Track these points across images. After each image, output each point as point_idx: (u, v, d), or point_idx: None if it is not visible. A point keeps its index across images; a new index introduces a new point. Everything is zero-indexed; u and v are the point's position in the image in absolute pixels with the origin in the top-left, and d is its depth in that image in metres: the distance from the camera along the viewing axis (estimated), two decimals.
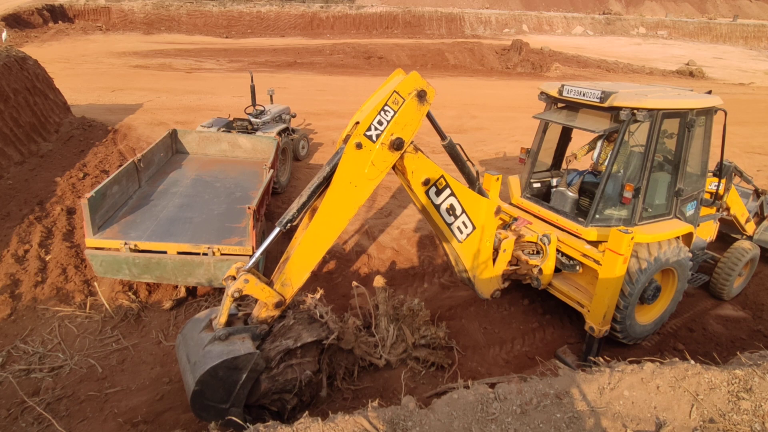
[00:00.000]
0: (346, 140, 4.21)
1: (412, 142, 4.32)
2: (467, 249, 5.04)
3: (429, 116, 4.46)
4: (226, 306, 4.02)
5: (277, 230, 4.12)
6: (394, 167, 4.42)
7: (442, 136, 4.68)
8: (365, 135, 4.04)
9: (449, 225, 4.83)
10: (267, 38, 39.37)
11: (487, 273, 5.36)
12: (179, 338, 4.29)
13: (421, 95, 4.21)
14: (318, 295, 4.73)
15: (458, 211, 4.82)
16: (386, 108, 4.08)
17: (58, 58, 23.03)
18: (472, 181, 5.01)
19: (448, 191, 4.69)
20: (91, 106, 14.51)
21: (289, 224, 4.10)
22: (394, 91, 4.09)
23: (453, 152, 4.81)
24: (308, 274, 4.26)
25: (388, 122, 4.08)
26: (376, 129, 4.06)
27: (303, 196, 4.13)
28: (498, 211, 4.99)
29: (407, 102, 4.14)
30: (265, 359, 4.08)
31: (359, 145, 4.03)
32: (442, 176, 4.61)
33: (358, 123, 4.15)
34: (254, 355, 3.87)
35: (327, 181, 4.14)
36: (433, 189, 4.62)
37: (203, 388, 3.72)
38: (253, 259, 4.14)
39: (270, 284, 4.11)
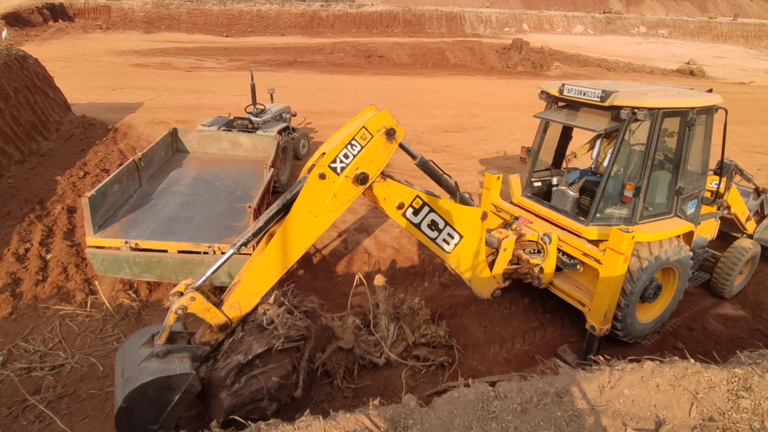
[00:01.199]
0: (311, 170, 4.22)
1: (382, 172, 4.32)
2: (456, 258, 5.02)
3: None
4: (168, 322, 3.92)
5: (230, 252, 4.07)
6: (366, 196, 4.43)
7: (413, 156, 4.68)
8: (329, 167, 4.05)
9: (434, 239, 4.81)
10: (267, 37, 39.36)
11: (483, 274, 5.36)
12: (120, 352, 4.17)
13: (390, 133, 4.22)
14: (272, 297, 4.58)
15: (441, 225, 4.79)
16: (353, 142, 4.09)
17: (58, 56, 23.03)
18: (453, 192, 5.00)
19: (426, 209, 4.66)
20: (92, 104, 14.51)
21: (242, 247, 4.08)
22: (363, 126, 4.12)
23: (427, 169, 4.81)
24: (258, 299, 4.21)
25: (354, 156, 4.10)
26: (341, 162, 4.07)
27: (260, 221, 4.12)
28: (484, 216, 4.97)
29: (375, 138, 4.16)
30: (219, 378, 3.99)
31: (323, 176, 4.03)
32: (417, 196, 4.57)
33: (324, 154, 4.17)
34: (189, 376, 3.73)
35: (287, 208, 4.11)
36: (410, 210, 4.60)
37: (131, 405, 3.55)
38: (203, 278, 4.08)
39: (218, 305, 4.06)
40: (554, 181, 6.76)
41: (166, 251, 5.67)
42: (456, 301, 6.73)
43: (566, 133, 6.74)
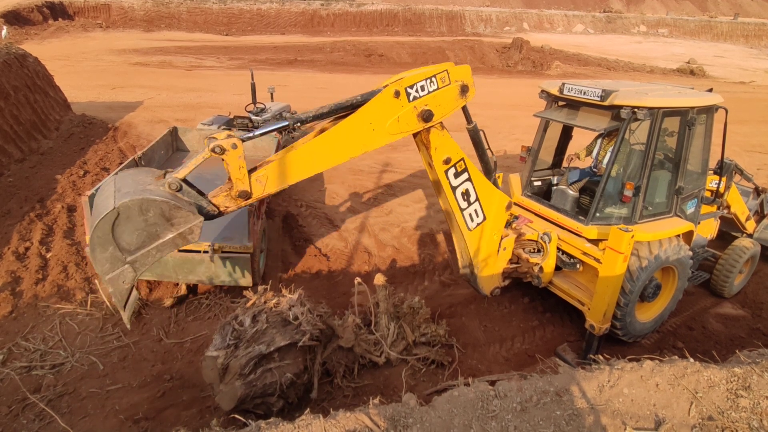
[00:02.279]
0: (385, 87, 4.21)
1: (441, 122, 4.42)
2: (475, 238, 5.11)
3: None
4: (197, 160, 3.54)
5: (284, 123, 3.84)
6: (419, 141, 4.50)
7: (468, 120, 4.84)
8: (406, 89, 4.11)
9: (462, 210, 4.91)
10: (267, 36, 39.34)
11: (489, 269, 5.40)
12: (109, 179, 3.62)
13: (464, 89, 4.39)
14: (296, 295, 4.66)
15: (472, 198, 4.90)
16: (433, 79, 4.20)
17: (58, 55, 23.01)
18: (489, 171, 5.09)
19: (466, 175, 4.79)
20: (92, 103, 14.51)
21: (298, 123, 3.87)
22: (446, 70, 4.25)
23: (476, 138, 4.93)
24: (285, 186, 3.95)
25: (429, 92, 4.19)
26: (416, 91, 4.16)
27: (325, 108, 3.96)
28: (509, 206, 5.09)
29: (451, 86, 4.30)
30: (237, 365, 4.01)
31: (397, 94, 4.08)
32: (463, 159, 4.71)
33: (402, 78, 4.20)
34: (197, 219, 3.37)
35: (353, 109, 4.02)
36: (453, 170, 4.70)
37: (121, 214, 3.07)
38: (251, 135, 3.75)
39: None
40: (554, 180, 6.76)
41: None
42: (456, 300, 6.73)
43: (566, 133, 6.73)
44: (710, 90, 6.08)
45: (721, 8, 75.74)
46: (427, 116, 4.22)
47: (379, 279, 5.40)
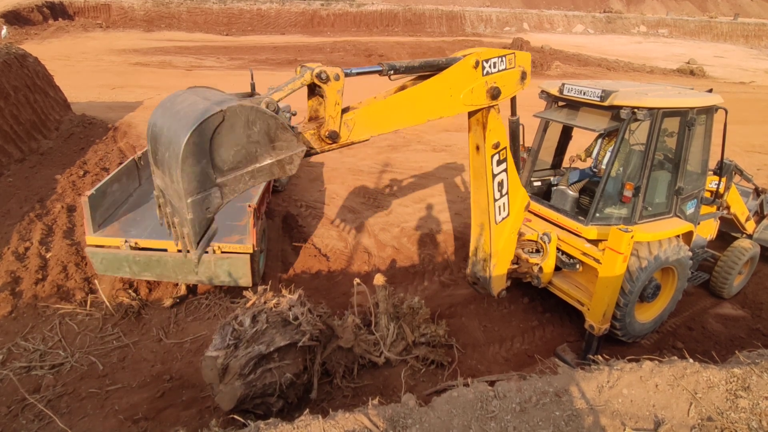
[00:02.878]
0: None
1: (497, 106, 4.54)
2: (499, 233, 5.19)
3: None
4: (293, 84, 3.21)
5: (378, 68, 3.69)
6: (475, 121, 4.62)
7: (513, 112, 4.97)
8: (483, 62, 4.19)
9: (495, 201, 4.98)
10: (267, 36, 39.34)
11: (501, 268, 5.49)
12: (173, 96, 3.09)
13: (524, 75, 4.51)
14: (296, 295, 4.66)
15: (504, 190, 5.00)
16: (503, 58, 4.31)
17: (58, 55, 23.01)
18: (518, 167, 5.19)
19: (504, 165, 4.88)
20: (92, 103, 14.51)
21: (391, 71, 3.76)
22: (514, 53, 4.38)
23: (516, 131, 5.04)
24: (367, 135, 3.76)
25: (499, 71, 4.31)
26: (491, 66, 4.25)
27: (416, 62, 3.94)
28: (527, 206, 5.14)
29: (515, 70, 4.42)
30: (237, 365, 4.00)
31: (477, 64, 4.15)
32: (506, 148, 4.81)
33: (479, 52, 4.26)
34: (300, 149, 3.04)
35: (437, 70, 4.01)
36: (497, 156, 4.79)
37: (226, 120, 2.63)
38: (353, 70, 3.54)
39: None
40: (554, 180, 6.76)
41: (165, 250, 5.67)
42: (456, 301, 6.73)
43: (566, 133, 6.73)
44: (710, 90, 6.08)
45: (721, 8, 75.74)
46: (495, 93, 4.32)
47: (379, 279, 5.40)
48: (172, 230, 3.17)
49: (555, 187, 6.48)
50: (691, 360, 3.72)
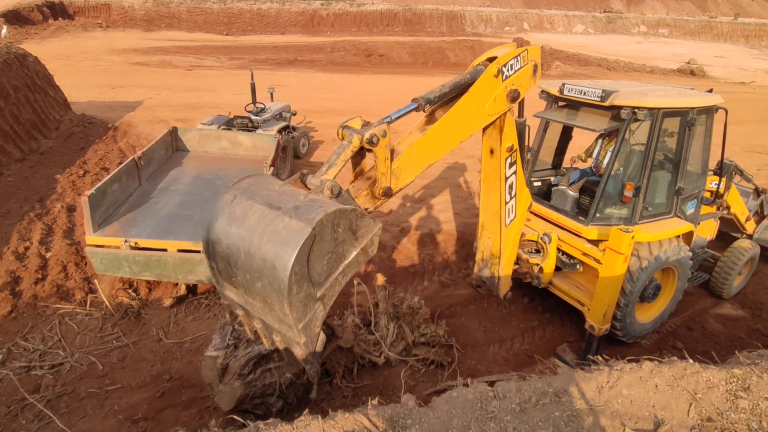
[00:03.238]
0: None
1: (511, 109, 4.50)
2: (508, 235, 5.21)
3: None
4: (343, 156, 3.11)
5: (414, 105, 3.67)
6: (494, 124, 4.56)
7: (521, 114, 4.93)
8: (502, 68, 4.16)
9: (506, 204, 5.00)
10: (267, 35, 39.32)
11: (507, 268, 5.51)
12: (231, 194, 3.04)
13: (536, 69, 4.47)
14: None
15: (513, 193, 5.01)
16: (518, 57, 4.28)
17: (58, 55, 23.00)
18: (524, 168, 5.17)
19: (515, 167, 4.89)
20: (92, 103, 14.51)
21: (428, 105, 3.77)
22: (526, 49, 4.32)
23: (522, 132, 5.01)
24: (413, 177, 3.82)
25: (515, 72, 4.28)
26: (508, 69, 4.22)
27: (446, 87, 3.95)
28: (530, 207, 5.15)
29: (528, 66, 4.39)
30: (237, 366, 3.98)
31: (499, 72, 4.13)
32: (517, 151, 4.81)
33: (490, 59, 4.23)
34: (377, 228, 3.00)
35: (464, 89, 4.01)
36: (510, 159, 4.79)
37: (317, 238, 2.56)
38: (390, 117, 3.46)
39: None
40: (554, 180, 6.76)
41: (165, 250, 5.66)
42: (455, 301, 6.73)
43: (566, 133, 6.73)
44: (710, 90, 6.08)
45: (721, 8, 75.69)
46: (515, 96, 4.30)
47: (379, 279, 5.40)
48: (265, 340, 3.21)
49: (555, 188, 6.47)
50: (691, 360, 3.72)
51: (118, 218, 6.19)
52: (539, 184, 6.70)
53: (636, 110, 5.06)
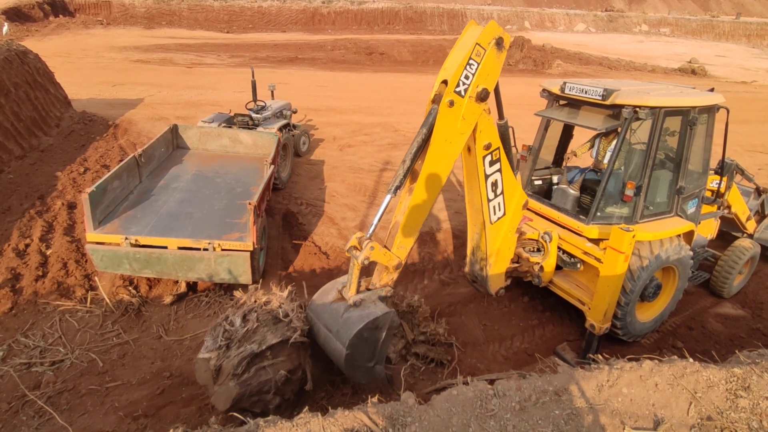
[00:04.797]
0: (435, 100, 4.33)
1: (488, 107, 4.53)
2: (495, 232, 5.17)
3: (495, 91, 4.62)
4: (355, 275, 4.21)
5: (389, 198, 4.27)
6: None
7: (501, 115, 4.89)
8: (455, 92, 4.19)
9: (489, 201, 4.97)
10: (268, 33, 39.27)
11: (498, 266, 5.45)
12: (310, 315, 4.48)
13: (500, 43, 4.37)
14: (286, 292, 4.65)
15: (499, 190, 4.97)
16: (471, 62, 4.23)
17: (58, 52, 22.99)
18: (512, 168, 5.14)
19: (498, 165, 4.86)
20: (92, 100, 14.50)
21: (398, 190, 4.29)
22: (477, 43, 4.24)
23: (505, 133, 4.98)
24: (417, 234, 4.54)
25: (474, 75, 4.24)
26: (463, 84, 4.22)
27: (406, 162, 4.27)
28: (525, 204, 5.14)
29: (488, 52, 4.29)
30: (230, 366, 4.00)
31: (452, 103, 4.18)
32: (499, 148, 4.79)
33: (444, 82, 4.26)
34: (391, 313, 4.18)
35: (425, 143, 4.26)
36: (489, 157, 4.77)
37: (353, 351, 4.00)
38: (372, 228, 4.33)
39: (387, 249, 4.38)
40: (555, 179, 6.75)
41: (166, 247, 5.67)
42: (455, 299, 6.73)
43: (567, 132, 6.72)
44: (712, 90, 6.07)
45: (723, 8, 75.52)
46: (483, 95, 4.33)
47: None
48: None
49: (556, 186, 6.47)
50: (691, 359, 3.72)
51: (119, 215, 6.19)
52: (540, 182, 6.69)
53: (637, 109, 5.05)
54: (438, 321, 5.71)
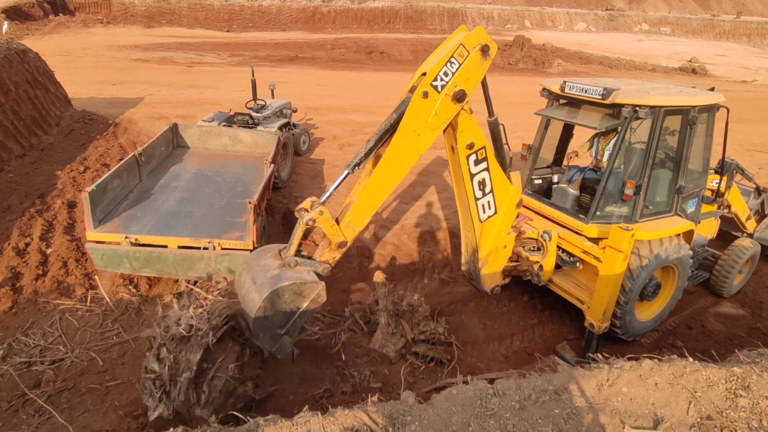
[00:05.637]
0: (411, 90, 4.33)
1: (468, 102, 4.46)
2: (485, 231, 5.14)
3: (484, 87, 4.66)
4: (297, 235, 4.10)
5: (345, 173, 4.27)
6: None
7: (490, 113, 4.87)
8: (431, 85, 4.16)
9: (477, 200, 4.94)
10: (268, 32, 39.25)
11: (492, 265, 5.42)
12: (242, 266, 4.35)
13: (485, 50, 4.37)
14: (178, 305, 4.40)
15: (487, 189, 4.94)
16: (452, 60, 4.21)
17: (58, 51, 22.98)
18: (504, 165, 5.12)
19: (485, 164, 4.82)
20: (92, 99, 14.50)
21: (356, 167, 4.25)
22: (461, 44, 4.25)
23: (495, 131, 4.97)
24: (369, 218, 4.43)
25: (453, 74, 4.23)
26: (441, 80, 4.19)
27: (371, 141, 4.27)
28: (519, 203, 5.12)
29: (472, 55, 4.29)
30: (184, 403, 3.89)
31: (426, 94, 4.14)
32: (485, 147, 4.75)
33: (424, 74, 4.25)
34: (320, 286, 4.01)
35: (393, 128, 4.24)
36: (474, 156, 4.74)
37: (268, 307, 3.83)
38: (326, 195, 4.25)
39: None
40: (555, 178, 6.75)
41: (166, 246, 5.67)
42: (455, 298, 6.73)
43: (567, 131, 6.72)
44: (712, 89, 6.07)
45: (723, 7, 75.45)
46: (460, 96, 4.30)
47: (379, 276, 5.41)
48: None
49: (556, 185, 6.47)
50: (690, 359, 3.72)
51: (119, 214, 6.19)
52: (540, 181, 6.69)
53: (637, 108, 5.05)
54: (438, 320, 5.71)
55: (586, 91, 5.44)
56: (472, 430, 3.08)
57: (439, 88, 4.20)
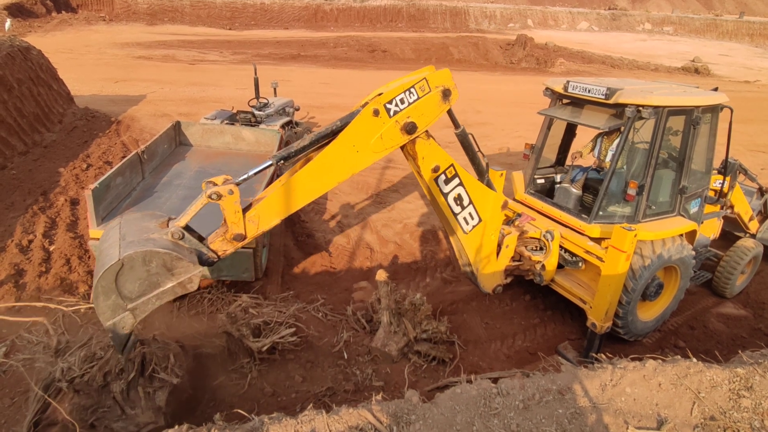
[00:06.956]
0: (364, 106, 4.18)
1: (426, 130, 4.34)
2: (472, 241, 5.05)
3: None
4: (194, 207, 3.69)
5: (268, 163, 3.96)
6: (405, 152, 4.44)
7: (456, 125, 4.74)
8: (385, 106, 4.04)
9: (456, 215, 4.84)
10: (271, 30, 39.22)
11: (489, 267, 5.37)
12: (116, 219, 3.77)
13: (446, 93, 4.28)
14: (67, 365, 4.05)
15: (465, 202, 4.83)
16: (412, 90, 4.13)
17: (61, 48, 22.99)
18: (481, 173, 5.03)
19: (456, 180, 4.71)
20: (95, 96, 14.51)
21: (281, 161, 3.96)
22: (425, 78, 4.17)
23: (465, 142, 4.85)
24: (277, 221, 4.05)
25: (409, 104, 4.11)
26: (396, 105, 4.08)
27: (305, 140, 4.01)
28: (505, 205, 5.03)
29: (432, 93, 4.21)
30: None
31: (376, 112, 4.01)
32: (452, 165, 4.64)
33: (380, 94, 4.16)
34: (197, 270, 3.50)
35: (333, 135, 4.02)
36: (442, 177, 4.63)
37: (125, 267, 3.21)
38: (243, 178, 3.88)
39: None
40: (557, 178, 6.75)
41: None
42: (457, 297, 6.74)
43: (570, 131, 6.72)
44: (715, 89, 6.05)
45: (726, 6, 75.22)
46: (410, 128, 4.14)
47: (381, 275, 5.40)
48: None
49: (559, 185, 6.46)
50: (694, 359, 3.72)
51: (122, 212, 6.19)
52: (543, 181, 6.69)
53: (641, 108, 5.04)
54: (440, 319, 5.71)
55: (589, 91, 5.43)
56: (476, 429, 3.09)
57: (391, 113, 4.05)
